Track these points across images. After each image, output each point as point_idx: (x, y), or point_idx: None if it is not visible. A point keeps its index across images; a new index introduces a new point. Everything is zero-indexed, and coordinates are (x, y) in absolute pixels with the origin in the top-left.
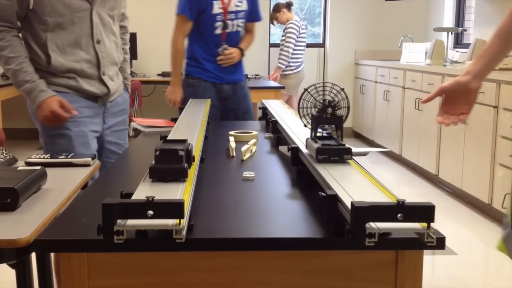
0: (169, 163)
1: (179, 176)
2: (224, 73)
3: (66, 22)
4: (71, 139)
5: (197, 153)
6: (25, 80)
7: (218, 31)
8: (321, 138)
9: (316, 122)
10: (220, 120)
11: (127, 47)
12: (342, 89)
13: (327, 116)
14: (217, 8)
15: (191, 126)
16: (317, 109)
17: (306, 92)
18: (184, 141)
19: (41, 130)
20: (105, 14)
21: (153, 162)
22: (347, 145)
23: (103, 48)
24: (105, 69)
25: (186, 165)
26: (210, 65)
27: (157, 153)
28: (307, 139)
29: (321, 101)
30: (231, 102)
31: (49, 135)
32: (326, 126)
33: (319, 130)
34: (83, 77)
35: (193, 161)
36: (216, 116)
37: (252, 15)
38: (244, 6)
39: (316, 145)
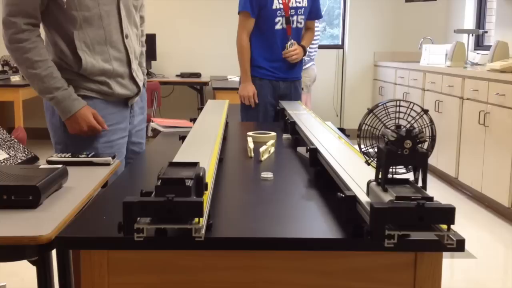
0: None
1: None
2: (280, 71)
3: (93, 16)
4: (97, 151)
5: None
6: (56, 87)
7: (278, 26)
8: (392, 182)
9: (387, 159)
10: (274, 118)
11: (144, 39)
12: (426, 111)
13: (404, 152)
14: (277, 4)
15: (209, 127)
16: (386, 140)
17: (371, 114)
18: (194, 164)
19: (63, 138)
20: (131, 4)
21: (153, 193)
22: (436, 200)
23: (130, 43)
24: (133, 65)
25: (195, 198)
26: (266, 63)
27: (159, 182)
28: (369, 183)
29: (395, 128)
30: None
31: (72, 144)
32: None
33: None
34: (114, 77)
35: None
36: (271, 114)
37: (313, 13)
38: (304, 3)
39: (387, 197)
